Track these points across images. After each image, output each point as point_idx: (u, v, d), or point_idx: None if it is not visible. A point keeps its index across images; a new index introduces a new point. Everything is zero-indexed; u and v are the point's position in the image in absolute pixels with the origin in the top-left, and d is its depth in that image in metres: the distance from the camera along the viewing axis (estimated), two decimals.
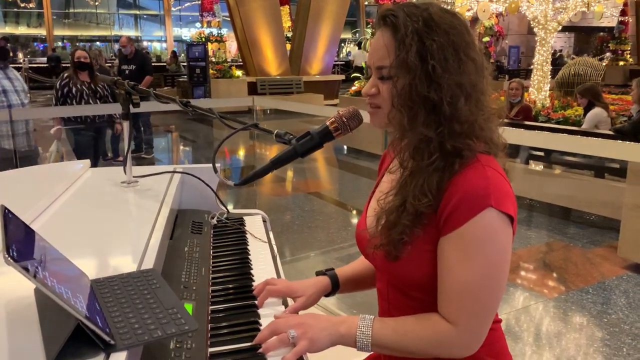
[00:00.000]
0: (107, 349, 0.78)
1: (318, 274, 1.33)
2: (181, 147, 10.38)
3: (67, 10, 27.78)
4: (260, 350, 1.02)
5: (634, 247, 4.06)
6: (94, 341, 0.78)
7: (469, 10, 9.48)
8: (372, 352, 1.07)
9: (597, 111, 5.82)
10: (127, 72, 7.61)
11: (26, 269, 0.74)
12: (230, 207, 1.86)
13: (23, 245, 0.83)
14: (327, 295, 1.31)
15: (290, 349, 1.01)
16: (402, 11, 1.01)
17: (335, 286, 1.31)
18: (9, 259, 0.71)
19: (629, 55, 21.10)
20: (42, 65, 21.59)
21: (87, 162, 1.94)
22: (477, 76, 1.02)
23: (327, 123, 1.14)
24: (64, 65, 16.96)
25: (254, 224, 1.80)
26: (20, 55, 25.24)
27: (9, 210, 0.88)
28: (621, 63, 20.73)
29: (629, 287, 3.80)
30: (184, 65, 17.37)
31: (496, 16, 15.23)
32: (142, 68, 7.71)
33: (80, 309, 0.77)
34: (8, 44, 5.10)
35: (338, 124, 1.13)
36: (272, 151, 8.54)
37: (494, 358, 1.10)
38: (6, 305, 0.92)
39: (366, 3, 27.80)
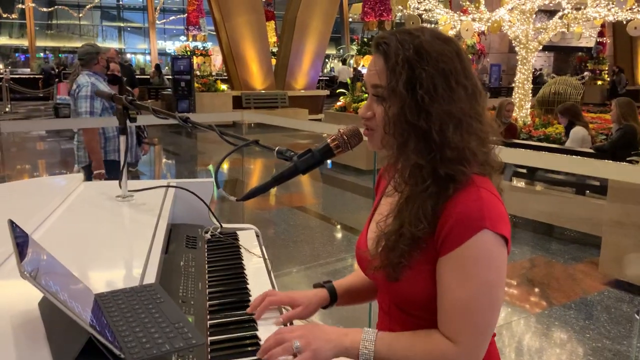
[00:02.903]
0: None
1: (316, 286, 1.35)
2: (164, 160, 10.33)
3: (50, 22, 27.62)
4: (264, 359, 1.04)
5: (614, 264, 4.14)
6: (103, 355, 0.79)
7: (452, 28, 9.65)
8: None
9: (578, 129, 5.95)
10: None
11: (40, 283, 0.75)
12: None
13: (32, 258, 0.83)
14: (324, 307, 1.33)
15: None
16: (394, 39, 1.04)
17: (333, 299, 1.33)
18: (25, 273, 0.72)
19: (606, 75, 21.61)
20: (24, 76, 21.35)
21: (80, 175, 1.94)
22: (469, 102, 1.03)
23: (329, 140, 1.16)
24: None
25: (247, 239, 1.81)
26: (1, 66, 24.97)
27: (16, 224, 0.89)
28: (599, 82, 21.22)
29: (611, 302, 3.87)
30: (167, 79, 17.33)
31: (478, 35, 15.52)
32: (129, 81, 7.68)
33: (91, 323, 0.78)
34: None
35: (339, 142, 1.16)
36: (257, 164, 8.55)
37: None
38: (11, 319, 0.92)
39: (350, 19, 28.11)
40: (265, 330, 1.19)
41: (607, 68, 21.51)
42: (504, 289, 1.05)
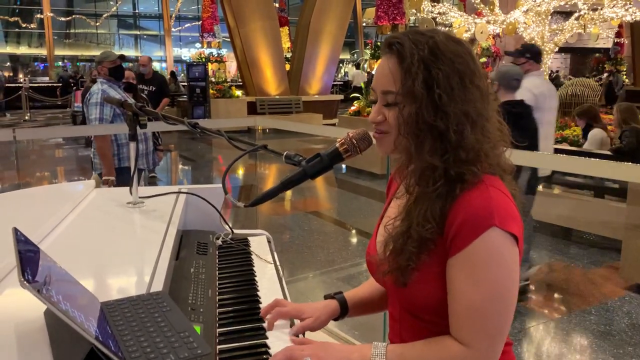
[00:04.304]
0: None
1: (327, 297, 1.32)
2: (180, 167, 10.39)
3: (68, 31, 28.04)
4: None
5: (635, 268, 4.05)
6: None
7: (466, 31, 9.59)
8: None
9: (596, 132, 5.86)
10: (146, 92, 7.42)
11: (40, 292, 0.73)
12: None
13: (36, 267, 0.82)
14: (335, 319, 1.30)
15: None
16: (407, 39, 1.03)
17: (344, 310, 1.30)
18: (25, 282, 0.71)
19: (625, 76, 21.28)
20: (43, 84, 21.68)
21: (92, 182, 1.94)
22: (482, 103, 1.02)
23: (337, 145, 1.14)
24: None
25: (259, 245, 1.80)
26: (20, 75, 25.40)
27: (20, 232, 0.88)
28: None
29: (632, 308, 3.78)
30: (183, 85, 17.47)
31: (493, 37, 15.39)
32: (161, 89, 7.66)
33: (93, 332, 0.77)
34: (124, 63, 4.58)
35: (348, 146, 1.14)
36: (272, 170, 8.55)
37: None
38: (16, 327, 0.91)
39: (364, 24, 28.12)
40: (275, 339, 1.17)
41: (625, 69, 21.18)
42: (517, 289, 1.01)
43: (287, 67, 16.22)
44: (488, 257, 0.97)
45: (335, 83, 20.33)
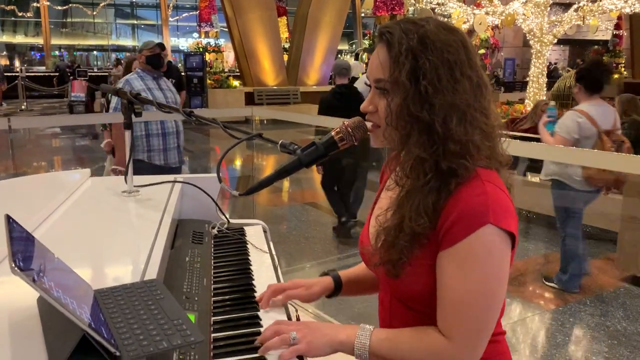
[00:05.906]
0: None
1: (322, 275, 1.34)
2: None
3: (64, 20, 27.89)
4: (260, 349, 1.04)
5: (631, 260, 4.07)
6: (99, 352, 0.78)
7: (465, 22, 9.55)
8: None
9: None
10: None
11: (33, 280, 0.73)
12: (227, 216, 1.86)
13: (29, 254, 0.82)
14: (329, 296, 1.32)
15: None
16: (398, 28, 1.01)
17: (337, 287, 1.31)
18: (16, 269, 0.71)
19: (623, 68, 21.26)
20: (39, 74, 21.58)
21: (87, 171, 1.94)
22: (474, 94, 1.00)
23: (332, 133, 1.14)
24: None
25: (255, 234, 1.79)
26: (17, 63, 25.27)
27: (13, 220, 0.88)
28: (616, 76, 20.89)
29: (627, 299, 3.80)
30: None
31: (492, 29, 15.35)
32: (180, 82, 7.46)
33: (86, 319, 0.76)
34: (164, 52, 4.34)
35: (343, 135, 1.13)
36: (269, 160, 8.54)
37: None
38: (9, 315, 0.91)
39: (363, 14, 27.99)
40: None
41: (624, 61, 21.15)
42: (505, 287, 1.01)
43: (285, 57, 16.17)
44: (479, 253, 0.96)
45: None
